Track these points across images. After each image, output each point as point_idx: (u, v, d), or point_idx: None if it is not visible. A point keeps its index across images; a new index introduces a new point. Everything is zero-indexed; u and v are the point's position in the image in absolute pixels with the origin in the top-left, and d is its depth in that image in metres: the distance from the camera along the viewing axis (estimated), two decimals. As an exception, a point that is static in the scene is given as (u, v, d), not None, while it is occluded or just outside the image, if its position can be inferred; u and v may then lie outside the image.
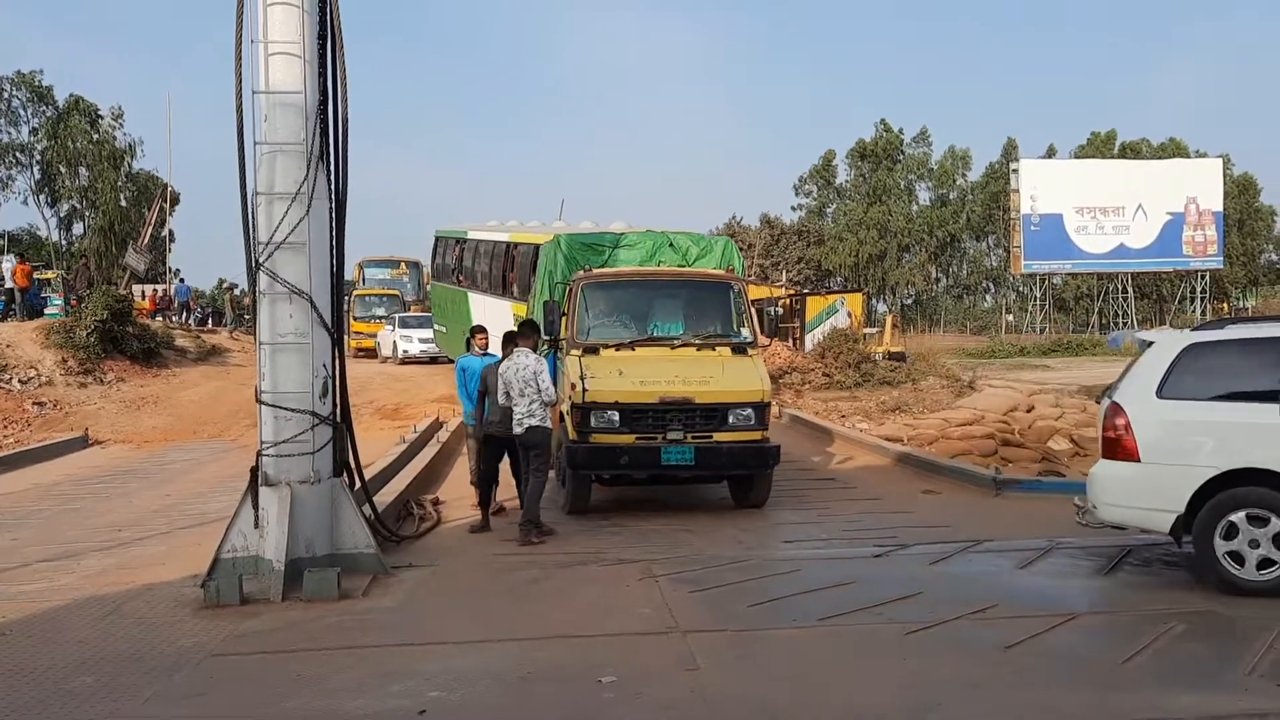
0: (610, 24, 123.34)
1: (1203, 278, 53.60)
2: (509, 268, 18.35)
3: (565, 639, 6.42)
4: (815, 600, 7.02)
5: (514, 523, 9.49)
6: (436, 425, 16.53)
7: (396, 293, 36.13)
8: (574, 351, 10.46)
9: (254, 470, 7.73)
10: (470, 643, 6.38)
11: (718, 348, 10.76)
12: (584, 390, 9.94)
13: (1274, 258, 67.34)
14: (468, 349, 11.06)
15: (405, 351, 28.40)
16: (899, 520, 9.85)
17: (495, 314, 18.32)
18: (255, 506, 7.64)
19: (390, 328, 30.24)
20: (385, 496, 10.17)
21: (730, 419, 10.06)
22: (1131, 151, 61.85)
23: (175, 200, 48.25)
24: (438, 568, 8.37)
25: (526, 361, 9.37)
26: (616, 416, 9.96)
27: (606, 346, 10.56)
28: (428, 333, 27.09)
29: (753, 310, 11.92)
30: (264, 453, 7.75)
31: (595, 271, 11.52)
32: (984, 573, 7.91)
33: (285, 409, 7.75)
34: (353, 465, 8.43)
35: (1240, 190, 61.37)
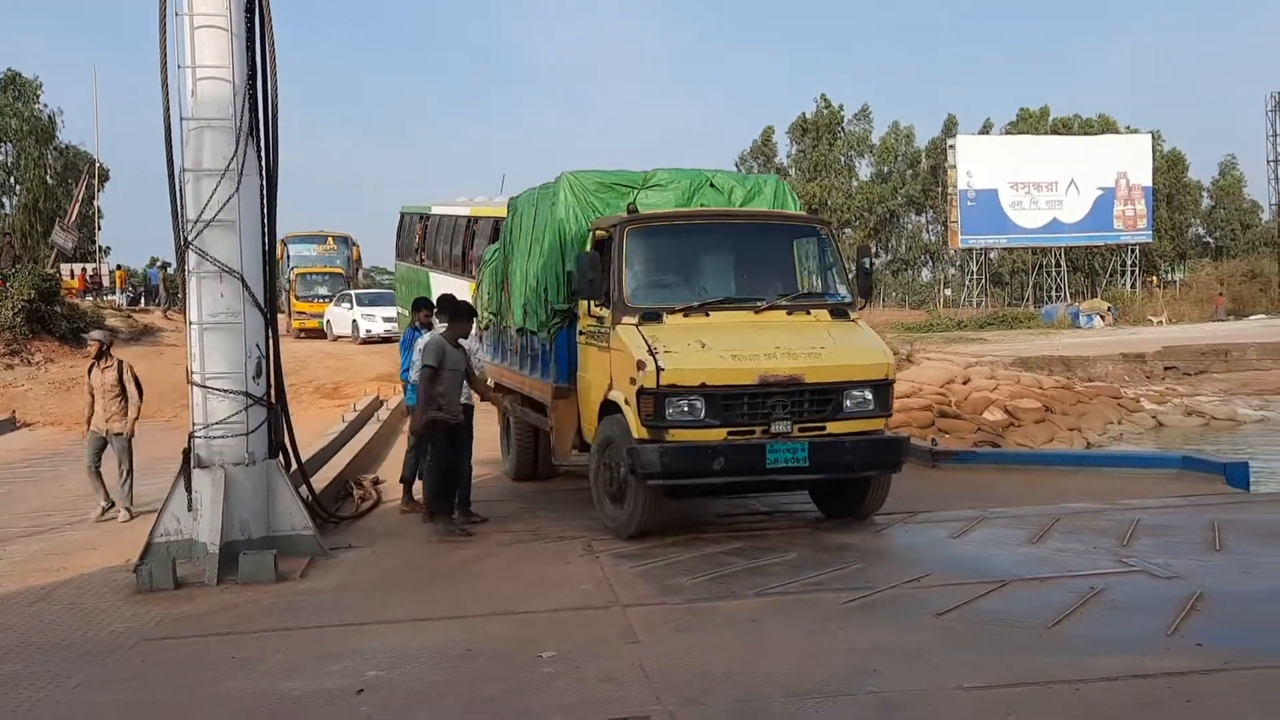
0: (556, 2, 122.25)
1: (1133, 251, 54.73)
2: (469, 244, 17.63)
3: (506, 615, 6.43)
4: (755, 573, 7.10)
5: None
6: (376, 404, 16.41)
7: (340, 270, 34.99)
8: (626, 320, 7.98)
9: (186, 453, 7.61)
10: (410, 621, 6.36)
11: (813, 310, 8.42)
12: (658, 369, 7.49)
13: (1201, 232, 68.98)
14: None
15: (369, 331, 27.13)
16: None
17: (456, 294, 17.88)
18: (188, 489, 7.53)
19: (347, 305, 28.99)
20: (324, 477, 10.09)
21: (846, 403, 7.85)
22: (1064, 127, 62.84)
23: (104, 177, 46.98)
24: (377, 548, 8.34)
25: (469, 344, 9.34)
26: (701, 404, 7.57)
27: (672, 311, 8.05)
28: (392, 311, 26.04)
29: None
30: (196, 435, 7.64)
31: (644, 212, 8.71)
32: (919, 543, 8.06)
33: (218, 390, 7.63)
34: (289, 446, 8.33)
35: (1169, 166, 62.64)
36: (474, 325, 9.80)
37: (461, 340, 8.98)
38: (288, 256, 34.70)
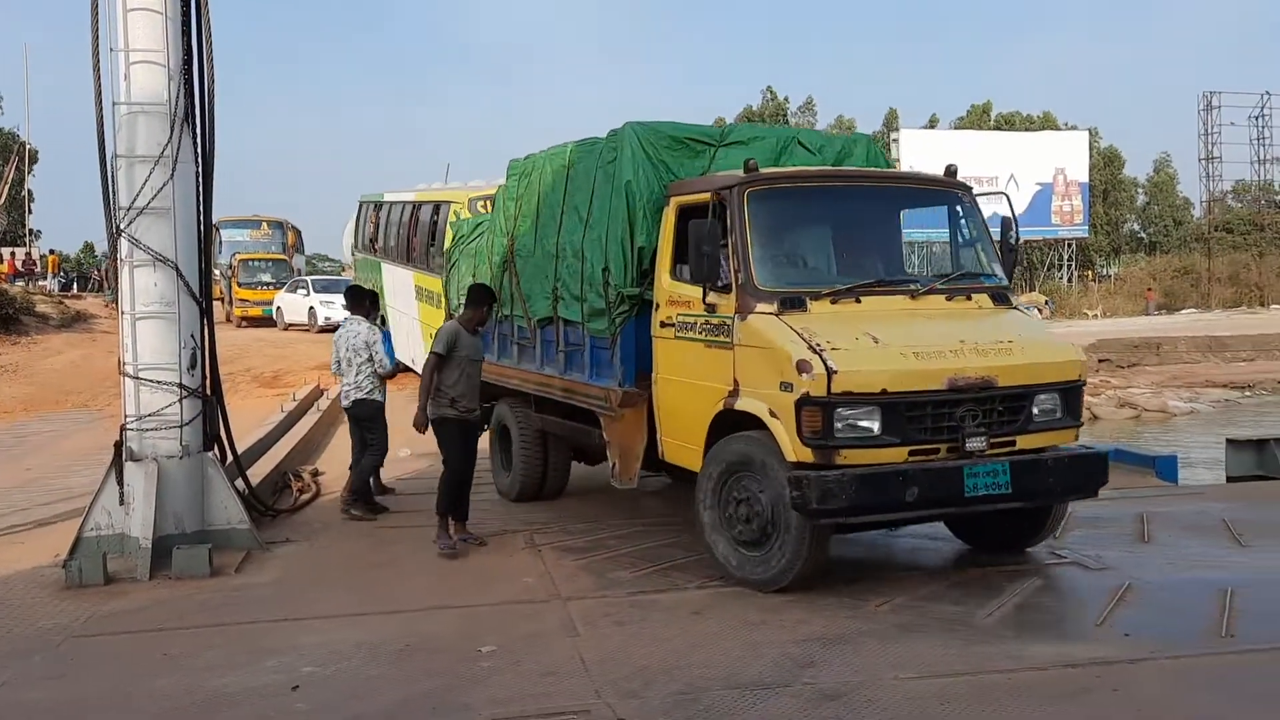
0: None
1: (1069, 246, 55.83)
2: (412, 232, 17.11)
3: (446, 610, 6.39)
4: (696, 565, 7.12)
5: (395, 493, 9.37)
6: (317, 393, 16.19)
7: (284, 257, 34.15)
8: (762, 307, 6.36)
9: (118, 445, 7.45)
10: (348, 616, 6.30)
11: (973, 295, 6.98)
12: (829, 371, 5.88)
13: (1136, 227, 70.52)
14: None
15: (328, 319, 25.41)
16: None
17: (404, 287, 17.47)
18: (120, 483, 7.37)
19: (302, 292, 27.81)
20: (261, 469, 9.93)
21: (1035, 411, 6.42)
22: (1006, 124, 63.84)
23: (34, 158, 45.77)
24: (316, 542, 8.23)
25: (358, 329, 9.18)
26: (880, 416, 6.03)
27: (818, 296, 6.49)
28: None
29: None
30: (128, 427, 7.47)
31: (765, 172, 6.98)
32: (857, 538, 8.13)
33: (151, 381, 7.48)
34: (224, 438, 8.19)
35: (1106, 162, 63.93)
36: (360, 310, 9.43)
37: (371, 324, 8.88)
38: (220, 242, 33.55)
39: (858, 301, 6.58)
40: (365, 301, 9.62)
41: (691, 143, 7.64)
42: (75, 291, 39.11)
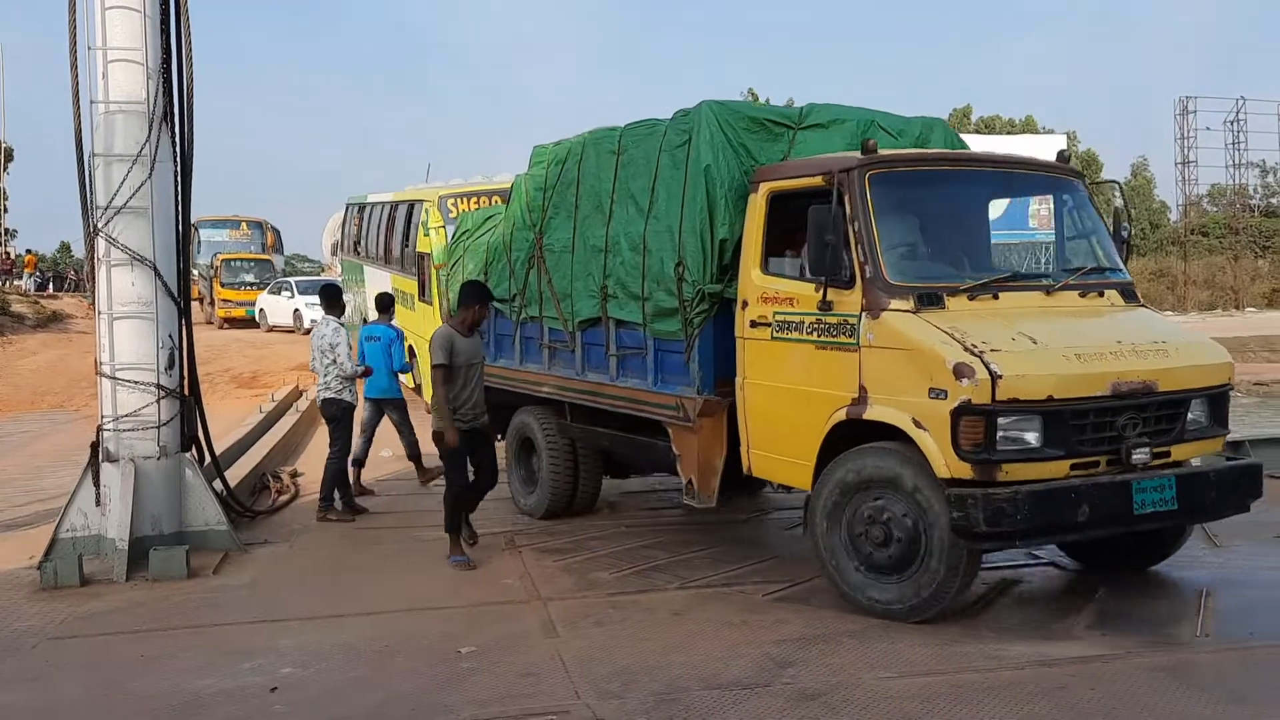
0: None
1: (1047, 249, 56.24)
2: (389, 234, 17.07)
3: (425, 611, 6.38)
4: (676, 566, 7.14)
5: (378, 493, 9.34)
6: (296, 394, 16.12)
7: (268, 257, 33.70)
8: (896, 304, 5.75)
9: (95, 446, 7.40)
10: (327, 618, 6.27)
11: (1104, 292, 6.43)
12: (993, 376, 5.30)
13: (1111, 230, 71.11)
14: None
15: (314, 320, 25.23)
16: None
17: (383, 289, 17.34)
18: (96, 484, 7.32)
19: (286, 294, 27.13)
20: (239, 470, 9.89)
21: (1188, 418, 5.94)
22: (986, 127, 64.17)
23: (9, 157, 45.36)
24: (294, 543, 8.20)
25: (324, 330, 9.16)
26: (1039, 425, 5.46)
27: (954, 292, 5.89)
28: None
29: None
30: (105, 428, 7.42)
31: (885, 153, 6.31)
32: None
33: (128, 382, 7.43)
34: (202, 439, 8.14)
35: (1084, 166, 64.44)
36: (334, 311, 9.36)
37: (340, 324, 8.71)
38: (199, 242, 32.93)
39: (995, 298, 5.98)
40: (337, 301, 9.53)
41: (770, 124, 6.94)
42: (51, 291, 38.80)
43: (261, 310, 27.93)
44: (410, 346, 15.69)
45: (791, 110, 7.13)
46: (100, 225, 7.38)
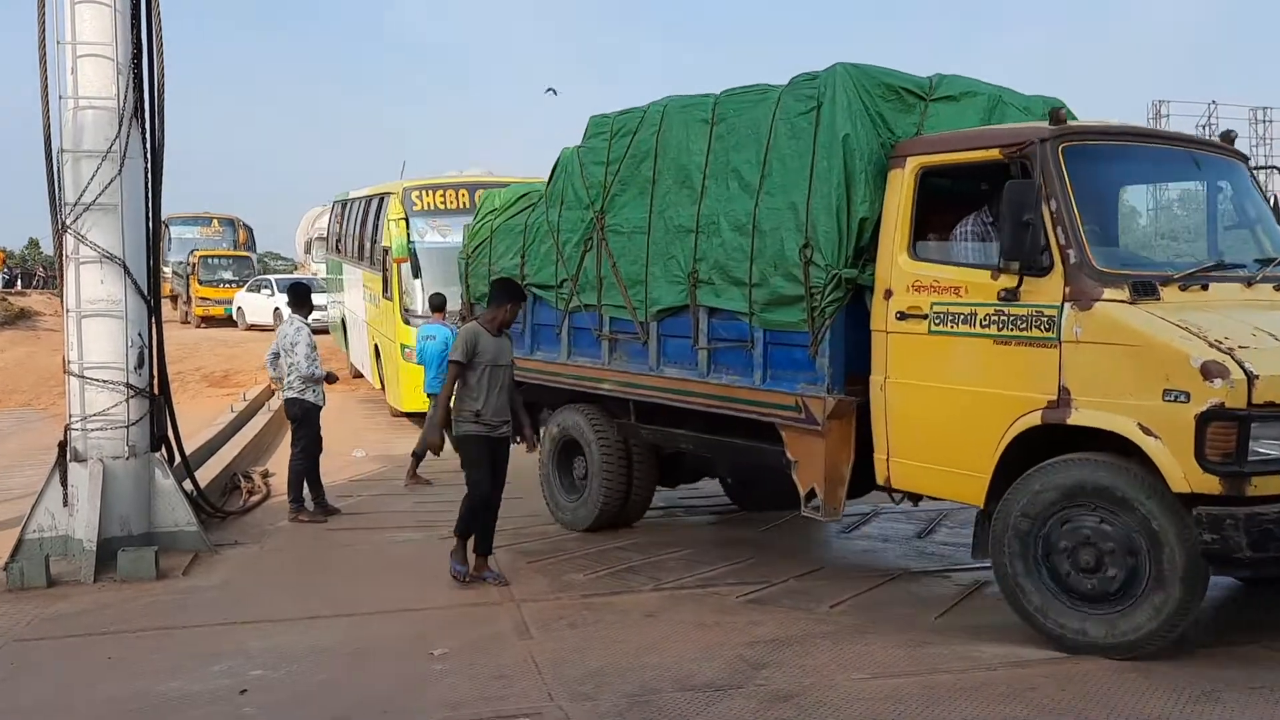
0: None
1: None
2: (361, 230, 16.83)
3: (397, 613, 6.34)
4: (651, 567, 7.13)
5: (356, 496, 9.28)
6: (268, 393, 15.99)
7: (247, 254, 33.15)
8: (1111, 293, 5.09)
9: (62, 445, 7.31)
10: (298, 619, 6.22)
11: None
12: (1249, 377, 4.68)
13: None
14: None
15: None
16: (733, 486, 10.09)
17: (356, 286, 17.11)
18: (64, 483, 7.24)
19: (266, 292, 26.30)
20: (210, 470, 9.82)
21: None
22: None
23: (-24, 152, 44.75)
24: (265, 544, 8.14)
25: (286, 329, 9.07)
26: None
27: (1167, 281, 5.24)
28: (320, 298, 23.78)
29: None
30: (73, 427, 7.34)
31: (1075, 126, 5.71)
32: (811, 538, 8.20)
33: (96, 381, 7.34)
34: (172, 439, 8.06)
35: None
36: (302, 310, 9.15)
37: (304, 322, 8.45)
38: (169, 239, 32.23)
39: (1204, 289, 5.33)
40: (305, 300, 9.33)
41: (905, 93, 6.24)
42: (19, 288, 38.29)
43: (239, 308, 27.23)
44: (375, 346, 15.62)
45: (921, 79, 6.43)
46: (69, 222, 7.30)
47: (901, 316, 5.80)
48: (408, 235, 13.62)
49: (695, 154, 6.97)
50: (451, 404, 6.81)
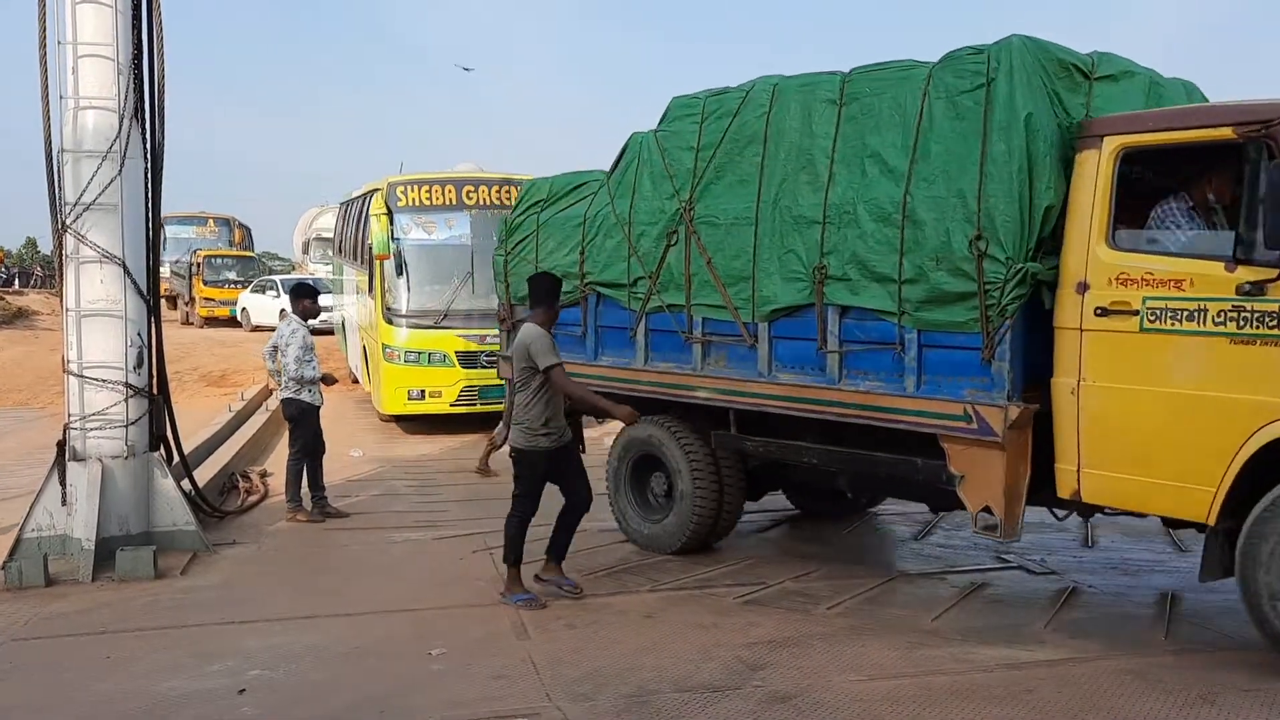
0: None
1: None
2: (355, 229, 16.46)
3: (396, 613, 6.34)
4: (648, 569, 7.13)
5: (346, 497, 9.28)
6: (266, 393, 15.98)
7: (251, 254, 32.79)
8: None
9: (61, 444, 7.31)
10: (296, 619, 6.22)
11: None
12: None
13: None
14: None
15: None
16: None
17: (350, 287, 17.04)
18: (62, 483, 7.24)
19: (272, 293, 25.64)
20: (208, 470, 9.80)
21: None
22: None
23: (-24, 152, 44.73)
24: (263, 544, 8.13)
25: (282, 329, 9.06)
26: None
27: None
28: (326, 299, 23.18)
29: None
30: (71, 426, 7.34)
31: None
32: (808, 540, 8.21)
33: (95, 380, 7.35)
34: (170, 438, 8.06)
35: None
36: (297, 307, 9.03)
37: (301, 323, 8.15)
38: (165, 239, 31.76)
39: None
40: (298, 300, 9.23)
41: (1074, 71, 5.77)
42: (17, 288, 38.24)
43: (244, 309, 26.69)
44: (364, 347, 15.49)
45: (1084, 56, 5.97)
46: (69, 222, 7.30)
47: (1102, 313, 5.26)
48: (390, 231, 13.22)
49: (820, 137, 6.35)
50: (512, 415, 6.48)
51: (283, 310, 25.09)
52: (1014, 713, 4.60)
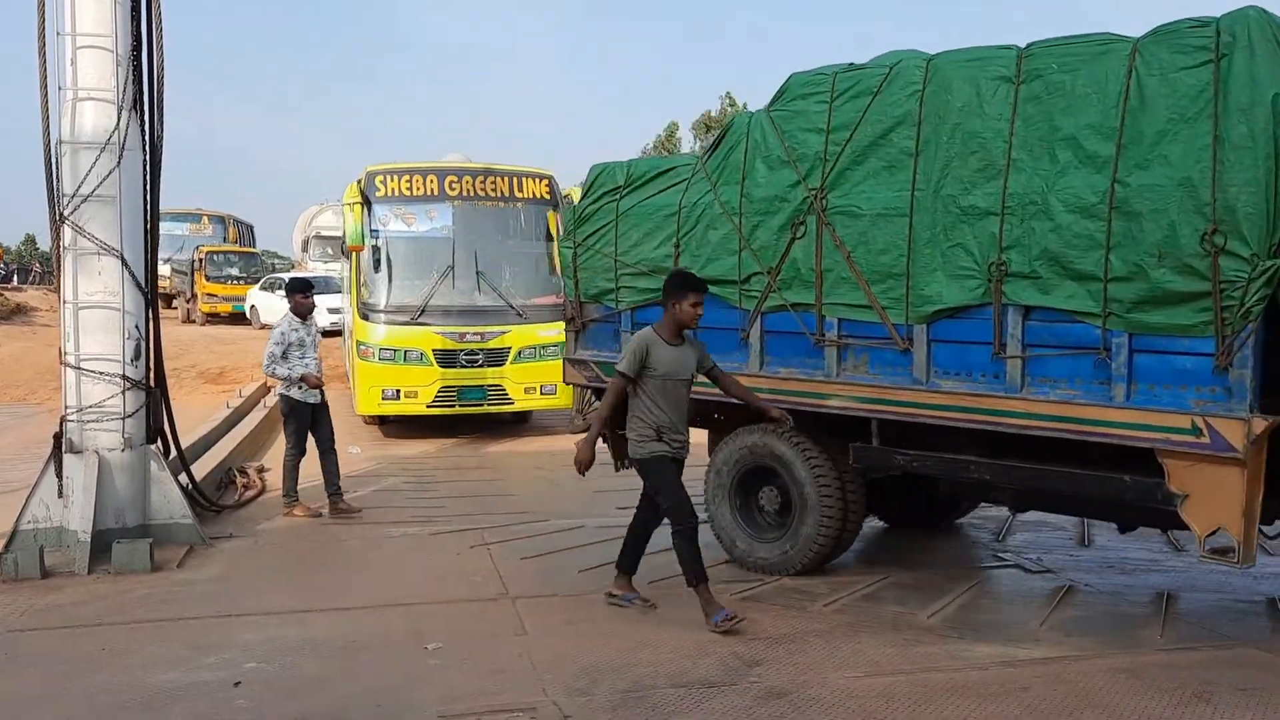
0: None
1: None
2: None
3: (392, 607, 6.33)
4: (646, 565, 7.10)
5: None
6: (263, 390, 15.98)
7: (254, 250, 32.50)
8: None
9: (58, 437, 7.30)
10: (292, 613, 6.21)
11: None
12: None
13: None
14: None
15: (333, 322, 21.88)
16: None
17: (349, 287, 16.85)
18: (59, 475, 7.22)
19: (281, 293, 25.40)
20: (206, 464, 9.80)
21: None
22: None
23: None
24: (260, 538, 8.13)
25: (278, 324, 8.97)
26: None
27: None
28: (336, 300, 22.19)
29: None
30: (68, 418, 7.33)
31: None
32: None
33: (92, 372, 7.34)
34: (168, 431, 8.05)
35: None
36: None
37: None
38: None
39: None
40: (291, 294, 9.12)
41: None
42: (15, 284, 38.22)
43: (253, 307, 26.50)
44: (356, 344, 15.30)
45: None
46: (67, 213, 7.28)
47: None
48: (365, 222, 12.59)
49: (993, 119, 5.70)
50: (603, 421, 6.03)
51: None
52: (1009, 710, 4.60)
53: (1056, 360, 5.51)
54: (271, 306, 25.17)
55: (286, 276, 26.13)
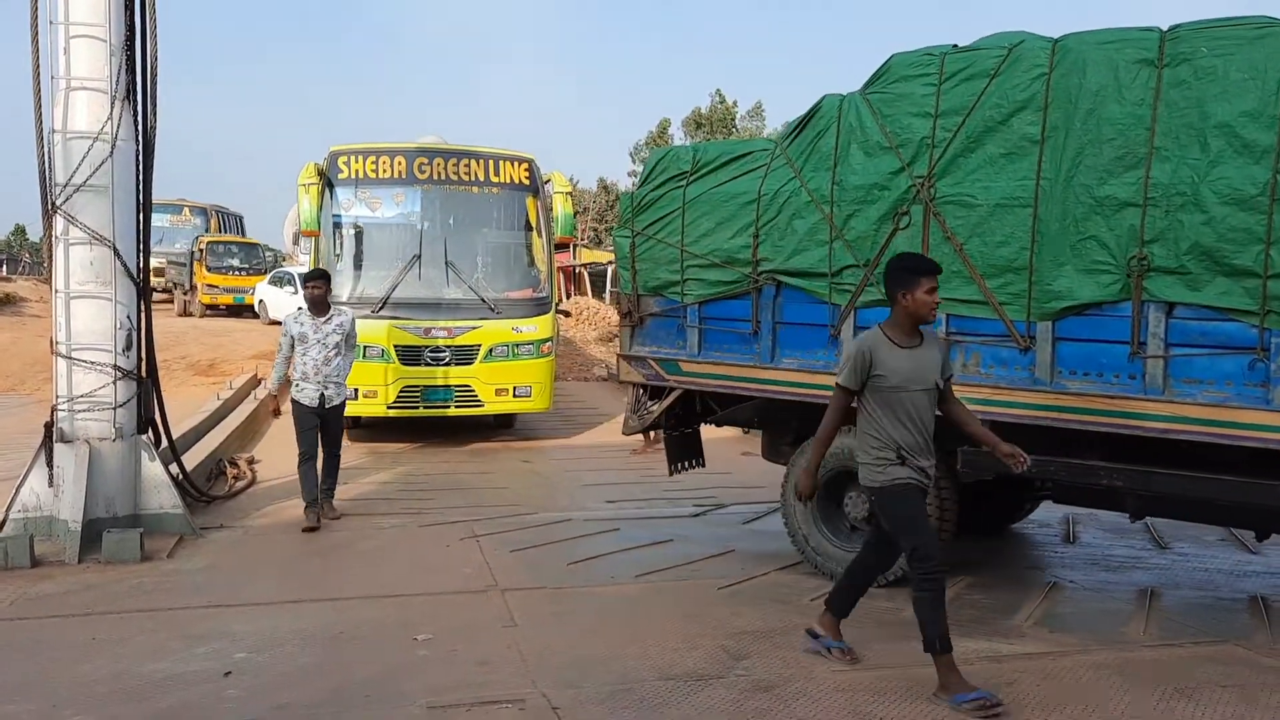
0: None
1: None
2: None
3: (382, 599, 6.35)
4: (633, 558, 7.17)
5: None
6: (254, 382, 15.97)
7: (256, 241, 32.18)
8: None
9: (48, 426, 7.30)
10: (282, 603, 6.23)
11: None
12: None
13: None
14: None
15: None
16: (718, 481, 10.11)
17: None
18: (49, 464, 7.22)
19: (290, 289, 24.34)
20: (196, 455, 9.79)
21: None
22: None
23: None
24: (250, 528, 8.13)
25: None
26: None
27: None
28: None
29: None
30: (59, 408, 7.33)
31: None
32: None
33: (84, 362, 7.34)
34: (158, 422, 8.05)
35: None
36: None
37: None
38: None
39: None
40: (304, 285, 8.95)
41: None
42: (5, 274, 38.14)
43: (261, 301, 25.99)
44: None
45: None
46: (59, 203, 7.28)
47: None
48: (320, 204, 11.51)
49: (1133, 104, 5.34)
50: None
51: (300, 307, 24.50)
52: (995, 704, 4.63)
53: (1204, 360, 5.16)
54: (280, 302, 24.79)
55: (294, 272, 25.77)
